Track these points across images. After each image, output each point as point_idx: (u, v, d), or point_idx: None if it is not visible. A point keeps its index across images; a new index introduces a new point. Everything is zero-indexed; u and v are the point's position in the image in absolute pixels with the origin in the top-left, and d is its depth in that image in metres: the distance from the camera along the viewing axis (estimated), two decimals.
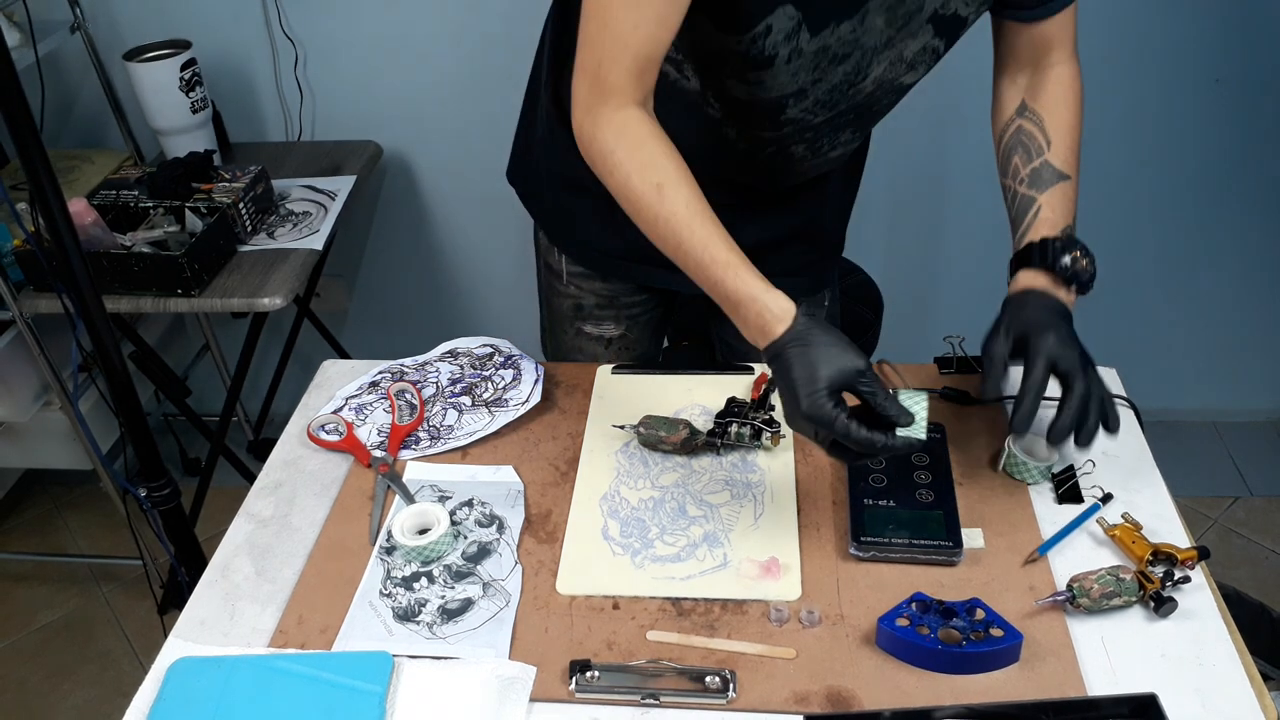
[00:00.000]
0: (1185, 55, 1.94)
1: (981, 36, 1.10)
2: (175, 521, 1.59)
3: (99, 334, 1.35)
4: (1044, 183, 1.06)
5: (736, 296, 0.92)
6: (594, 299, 1.33)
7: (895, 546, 0.93)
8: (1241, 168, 2.08)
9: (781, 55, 0.97)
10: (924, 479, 0.99)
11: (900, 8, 0.97)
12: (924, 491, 0.98)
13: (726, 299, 0.93)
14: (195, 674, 0.87)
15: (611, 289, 1.32)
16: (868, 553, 0.94)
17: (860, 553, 0.94)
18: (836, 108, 1.06)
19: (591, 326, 1.35)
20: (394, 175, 2.22)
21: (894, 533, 0.94)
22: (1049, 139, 1.07)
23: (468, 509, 1.03)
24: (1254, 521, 2.23)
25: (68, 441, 2.03)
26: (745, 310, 0.92)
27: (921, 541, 0.93)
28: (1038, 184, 1.07)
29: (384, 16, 2.01)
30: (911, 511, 0.96)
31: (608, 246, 1.28)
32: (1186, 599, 0.88)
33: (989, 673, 0.83)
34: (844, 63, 1.00)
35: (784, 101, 1.03)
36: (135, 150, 2.15)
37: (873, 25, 0.98)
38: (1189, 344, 2.32)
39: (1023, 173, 1.08)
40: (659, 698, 0.83)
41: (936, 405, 1.11)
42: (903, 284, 2.10)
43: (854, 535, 0.94)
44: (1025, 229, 1.06)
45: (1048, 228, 1.04)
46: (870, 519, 0.96)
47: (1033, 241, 1.04)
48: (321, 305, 2.37)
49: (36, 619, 2.18)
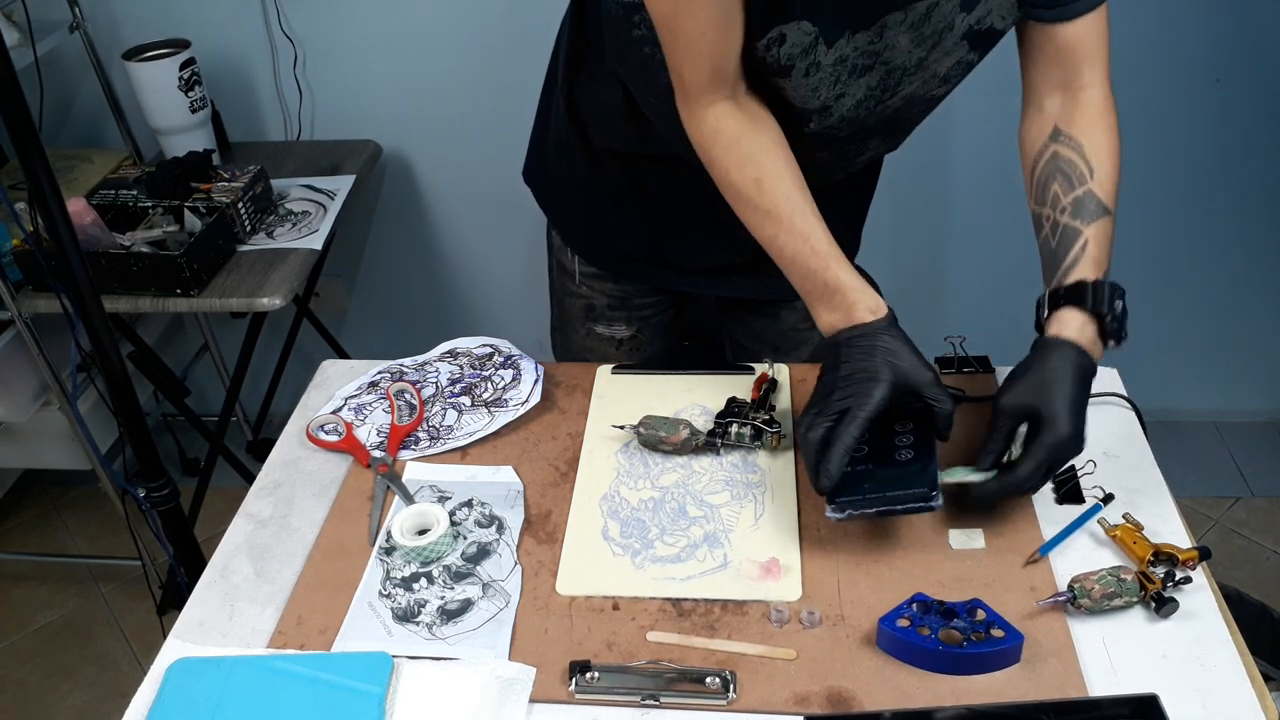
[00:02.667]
0: (1185, 55, 1.94)
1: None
2: (174, 522, 1.59)
3: (98, 334, 1.35)
4: (1089, 214, 0.98)
5: (836, 284, 0.96)
6: (606, 299, 1.33)
7: (870, 500, 0.91)
8: (1241, 168, 2.07)
9: (799, 68, 0.96)
10: (904, 441, 0.97)
11: (926, 27, 0.95)
12: (904, 451, 0.96)
13: (823, 286, 0.96)
14: (194, 674, 0.86)
15: (623, 290, 1.32)
16: (843, 512, 0.91)
17: (836, 513, 0.92)
18: (864, 123, 1.04)
19: (603, 327, 1.35)
20: (393, 175, 2.22)
21: (869, 489, 0.92)
22: (1091, 166, 0.99)
23: (467, 509, 1.02)
24: (1255, 522, 2.23)
25: (66, 441, 2.03)
26: (839, 298, 0.95)
27: (896, 492, 0.91)
28: (1082, 214, 0.98)
29: (383, 16, 2.01)
30: (889, 470, 0.94)
31: (620, 248, 1.28)
32: (1188, 599, 0.88)
33: (990, 673, 0.83)
34: (865, 75, 0.98)
35: (808, 115, 1.02)
36: (134, 150, 2.15)
37: (896, 43, 0.96)
38: (1190, 344, 2.32)
39: (1064, 201, 0.99)
40: (659, 699, 0.83)
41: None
42: (904, 284, 2.10)
43: (830, 498, 0.92)
44: (1072, 263, 0.97)
45: (1093, 268, 0.96)
46: (846, 481, 0.93)
47: (1084, 280, 0.95)
48: (321, 305, 2.37)
49: (35, 619, 2.18)
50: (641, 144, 1.16)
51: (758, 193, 0.98)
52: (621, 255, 1.29)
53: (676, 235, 1.25)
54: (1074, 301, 0.95)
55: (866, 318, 0.94)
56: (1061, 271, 0.98)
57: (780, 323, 1.34)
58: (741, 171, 0.98)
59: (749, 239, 1.02)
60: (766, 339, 1.36)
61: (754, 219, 0.99)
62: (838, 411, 0.92)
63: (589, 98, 1.18)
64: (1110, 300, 0.94)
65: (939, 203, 2.17)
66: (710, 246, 1.23)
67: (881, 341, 0.93)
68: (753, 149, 0.98)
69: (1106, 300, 0.94)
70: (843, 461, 0.90)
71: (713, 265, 1.26)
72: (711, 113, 0.98)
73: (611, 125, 1.17)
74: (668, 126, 1.08)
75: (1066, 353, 0.93)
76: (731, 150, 0.98)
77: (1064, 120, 1.02)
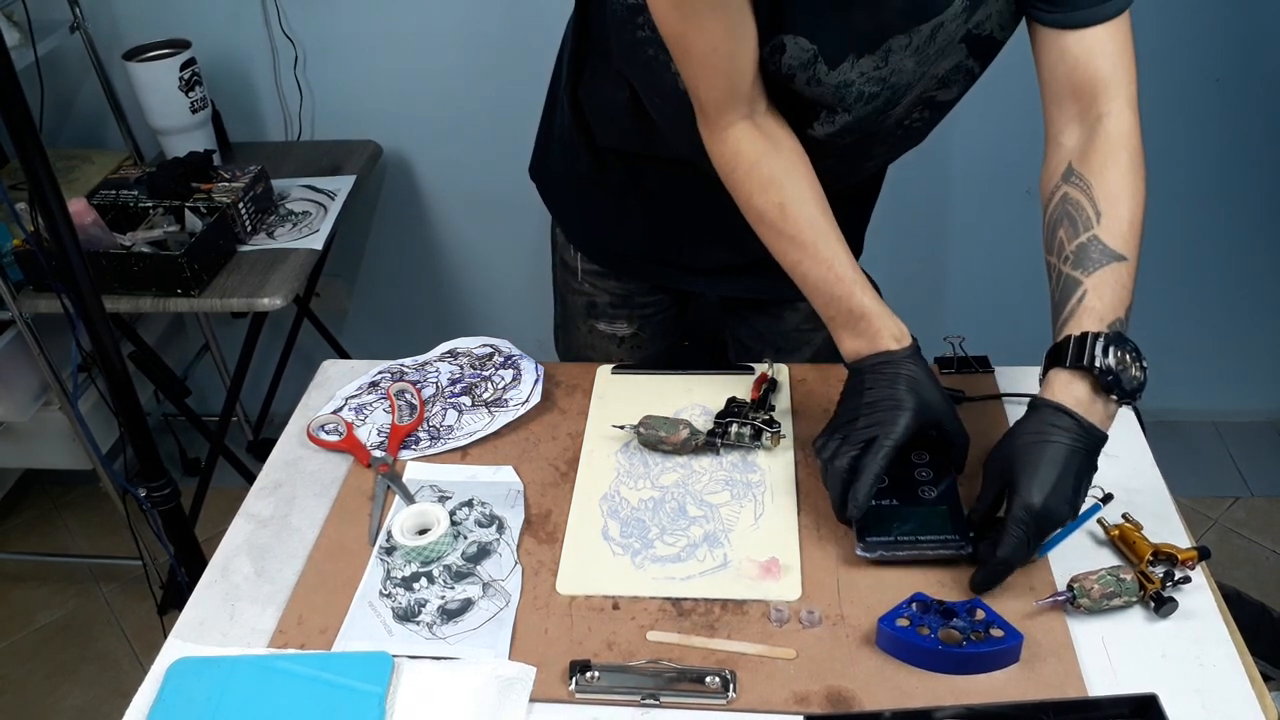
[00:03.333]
0: (1185, 55, 1.94)
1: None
2: (175, 522, 1.59)
3: (98, 334, 1.35)
4: (1092, 263, 0.90)
5: (861, 310, 0.95)
6: (608, 297, 1.33)
7: (902, 544, 0.92)
8: (1241, 168, 2.07)
9: (800, 79, 0.95)
10: (925, 475, 0.98)
11: (930, 47, 0.94)
12: (926, 488, 0.97)
13: (848, 313, 0.96)
14: (195, 674, 0.87)
15: (625, 288, 1.32)
16: (874, 552, 0.92)
17: (867, 553, 0.92)
18: (868, 131, 1.03)
19: (605, 324, 1.35)
20: (394, 175, 2.22)
21: (899, 530, 0.93)
22: (1099, 210, 0.91)
23: (467, 509, 1.02)
24: (1254, 522, 2.23)
25: (67, 441, 2.03)
26: (864, 325, 0.95)
27: (928, 538, 0.92)
28: (1084, 264, 0.91)
29: (384, 16, 2.01)
30: (915, 508, 0.95)
31: (623, 246, 1.28)
32: (1187, 599, 0.88)
33: (989, 673, 0.83)
34: (873, 101, 0.98)
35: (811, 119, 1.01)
36: (135, 150, 2.15)
37: (901, 67, 0.95)
38: (1189, 344, 2.32)
39: (1068, 249, 0.92)
40: (659, 698, 0.83)
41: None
42: (903, 284, 2.10)
43: (860, 535, 0.93)
44: (1066, 318, 0.91)
45: (1092, 319, 0.89)
46: (874, 518, 0.94)
47: (1071, 335, 0.89)
48: (321, 305, 2.37)
49: (35, 619, 2.18)
50: (645, 144, 1.16)
51: (781, 218, 0.97)
52: (624, 253, 1.29)
53: (679, 235, 1.25)
54: (1060, 361, 0.89)
55: (892, 345, 0.94)
56: (1058, 326, 0.92)
57: (783, 323, 1.34)
58: (765, 196, 0.97)
59: (753, 240, 1.01)
60: (769, 339, 1.36)
61: (778, 244, 0.99)
62: (864, 440, 0.91)
63: (593, 96, 1.18)
64: (1095, 352, 0.87)
65: (939, 203, 2.17)
66: (713, 247, 1.23)
67: (905, 370, 0.93)
68: (775, 172, 0.97)
69: (1090, 352, 0.87)
70: (871, 491, 0.90)
71: (715, 265, 1.26)
72: (731, 135, 0.97)
73: (615, 125, 1.18)
74: (671, 127, 1.08)
75: (1044, 416, 0.88)
76: (753, 174, 0.97)
77: (1079, 158, 0.94)
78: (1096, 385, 0.88)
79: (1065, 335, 0.90)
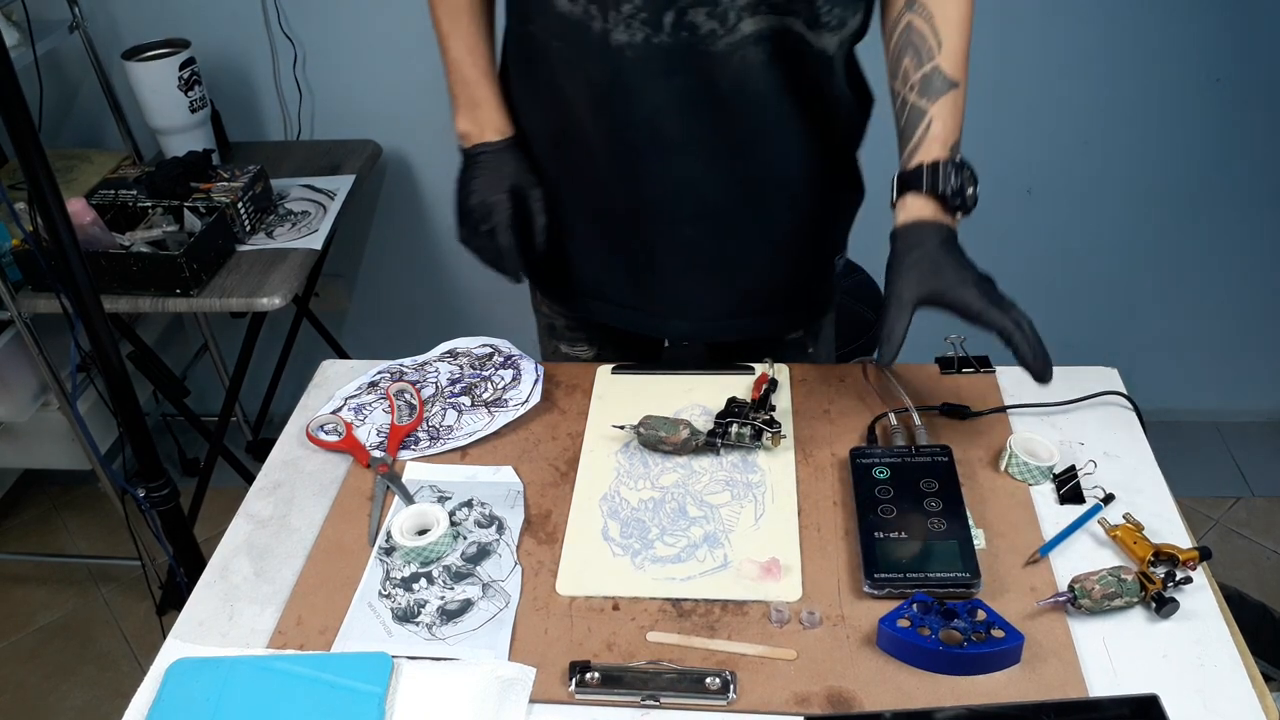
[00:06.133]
0: (1185, 55, 1.94)
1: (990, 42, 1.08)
2: (174, 522, 1.59)
3: (97, 334, 1.35)
4: (935, 91, 1.00)
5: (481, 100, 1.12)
6: (564, 320, 1.32)
7: (911, 581, 0.90)
8: (1241, 167, 2.08)
9: None
10: (934, 506, 0.96)
11: None
12: (935, 520, 0.95)
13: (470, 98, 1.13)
14: (194, 675, 0.86)
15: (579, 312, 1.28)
16: (883, 590, 0.90)
17: (875, 590, 0.90)
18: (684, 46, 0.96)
19: (566, 346, 1.34)
20: (393, 174, 2.22)
21: (908, 566, 0.91)
22: (940, 39, 1.00)
23: (467, 509, 1.02)
24: (1256, 522, 2.23)
25: (66, 442, 2.03)
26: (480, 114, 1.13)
27: (937, 574, 0.90)
28: (928, 92, 1.00)
29: (383, 15, 2.01)
30: (924, 542, 0.93)
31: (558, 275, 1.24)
32: (1188, 600, 0.88)
33: (990, 674, 0.83)
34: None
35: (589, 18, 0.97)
36: (134, 150, 2.15)
37: None
38: (1190, 344, 2.32)
39: (913, 78, 1.01)
40: (659, 699, 0.83)
41: (937, 420, 1.10)
42: None
43: (867, 572, 0.91)
44: (915, 145, 1.00)
45: (939, 146, 0.99)
46: (883, 553, 0.92)
47: (923, 163, 0.99)
48: (320, 305, 2.37)
49: (35, 620, 2.18)
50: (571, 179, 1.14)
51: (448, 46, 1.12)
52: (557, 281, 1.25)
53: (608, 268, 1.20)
54: (914, 186, 0.99)
55: (494, 137, 1.12)
56: (906, 155, 1.01)
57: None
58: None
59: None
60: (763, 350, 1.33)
61: (440, 9, 1.11)
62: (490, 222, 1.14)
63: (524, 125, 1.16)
64: (948, 180, 0.98)
65: None
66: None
67: (505, 158, 1.12)
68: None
69: (943, 180, 0.98)
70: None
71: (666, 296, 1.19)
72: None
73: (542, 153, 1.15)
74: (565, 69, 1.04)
75: (921, 236, 0.98)
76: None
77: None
78: (945, 205, 0.99)
79: (917, 163, 0.99)
